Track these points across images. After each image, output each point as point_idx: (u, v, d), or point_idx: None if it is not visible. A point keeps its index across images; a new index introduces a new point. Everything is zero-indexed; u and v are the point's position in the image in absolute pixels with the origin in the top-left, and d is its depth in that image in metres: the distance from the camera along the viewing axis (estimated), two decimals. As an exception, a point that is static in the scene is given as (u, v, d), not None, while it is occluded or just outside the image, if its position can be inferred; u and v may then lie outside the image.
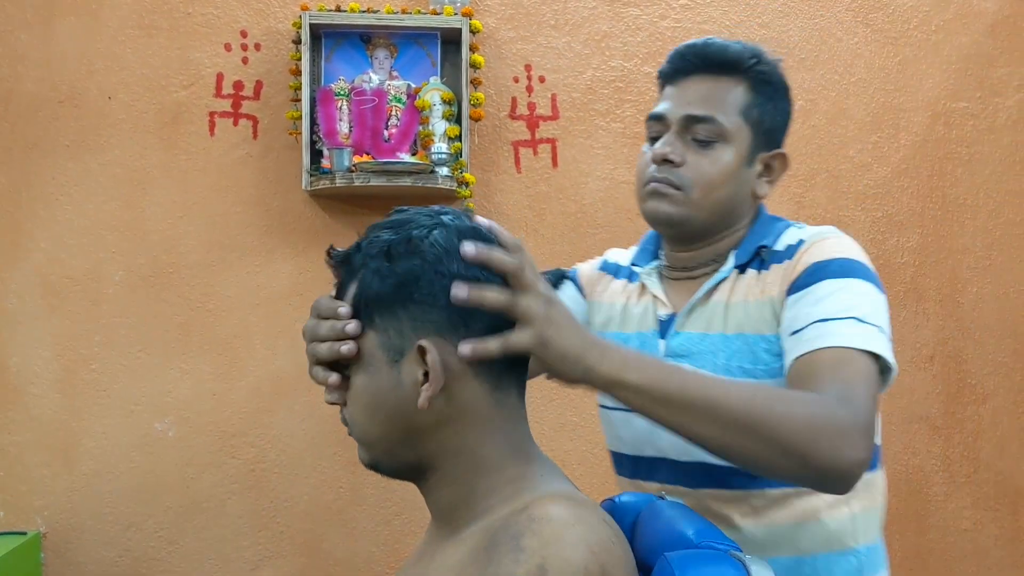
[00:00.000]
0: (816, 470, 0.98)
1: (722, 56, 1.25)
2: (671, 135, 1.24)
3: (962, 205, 2.53)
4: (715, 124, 1.22)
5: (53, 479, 2.29)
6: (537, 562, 0.77)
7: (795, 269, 1.18)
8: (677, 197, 1.22)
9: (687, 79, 1.26)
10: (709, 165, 1.22)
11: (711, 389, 0.97)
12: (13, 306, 2.29)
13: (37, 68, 2.30)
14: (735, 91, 1.24)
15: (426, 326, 0.91)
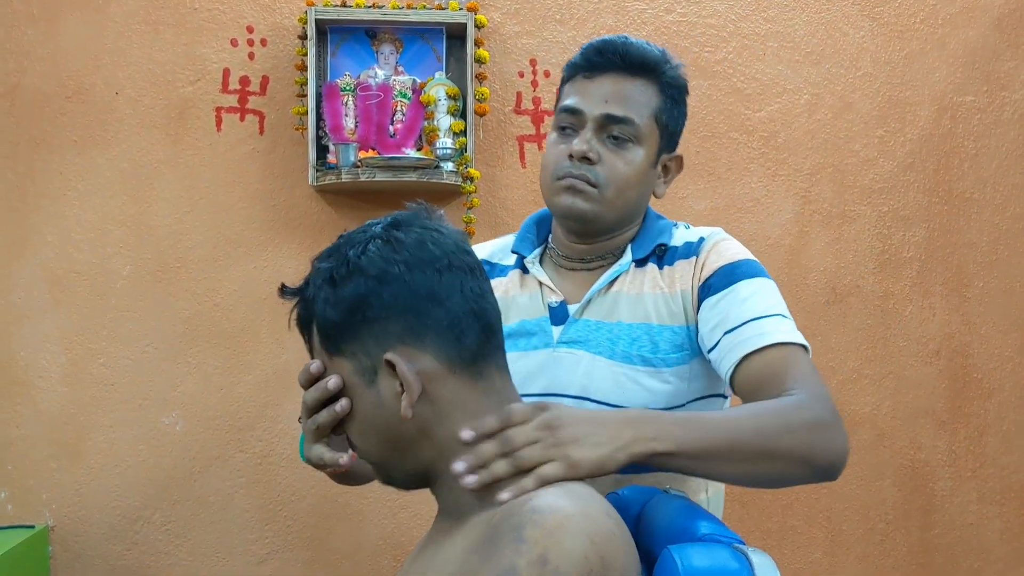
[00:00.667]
0: (819, 469, 1.08)
1: (639, 57, 1.27)
2: (588, 132, 1.26)
3: (968, 199, 2.52)
4: (632, 125, 1.25)
5: (61, 473, 2.30)
6: (539, 552, 0.78)
7: (704, 267, 1.27)
8: (592, 194, 1.25)
9: (604, 75, 1.27)
10: (624, 165, 1.26)
11: (726, 431, 1.04)
12: (20, 300, 2.29)
13: (43, 63, 2.30)
14: (648, 93, 1.27)
15: (388, 339, 0.92)
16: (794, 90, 2.48)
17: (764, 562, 0.88)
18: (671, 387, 1.25)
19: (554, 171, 1.28)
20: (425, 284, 0.93)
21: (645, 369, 1.25)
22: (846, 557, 2.48)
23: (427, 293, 0.93)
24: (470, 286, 0.96)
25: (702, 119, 2.45)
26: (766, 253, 2.46)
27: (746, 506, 2.45)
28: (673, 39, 2.45)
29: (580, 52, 1.31)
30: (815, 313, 2.47)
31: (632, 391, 1.24)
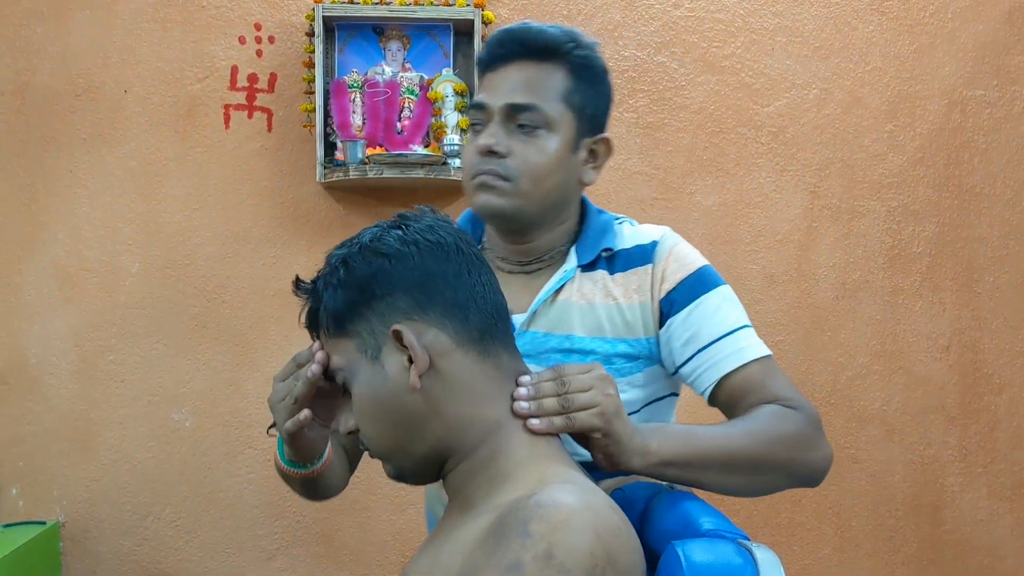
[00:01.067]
0: (803, 479, 1.16)
1: (540, 41, 1.23)
2: (495, 125, 1.21)
3: (978, 194, 2.51)
4: (538, 111, 1.20)
5: (71, 469, 2.32)
6: (544, 547, 0.79)
7: (665, 279, 1.24)
8: (506, 188, 1.19)
9: (507, 66, 1.23)
10: (535, 154, 1.20)
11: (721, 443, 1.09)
12: (31, 298, 2.31)
13: (53, 61, 2.31)
14: (555, 76, 1.22)
15: (394, 315, 0.95)
16: (803, 85, 2.47)
17: (768, 558, 0.89)
18: (625, 396, 1.22)
19: (468, 171, 1.23)
20: (433, 264, 0.96)
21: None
22: (856, 553, 2.47)
23: (435, 271, 0.96)
24: (477, 272, 0.99)
25: (710, 114, 2.45)
26: (775, 249, 2.45)
27: (755, 503, 2.44)
28: (681, 34, 2.44)
29: (483, 48, 1.28)
30: (824, 308, 2.47)
31: None
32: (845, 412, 2.47)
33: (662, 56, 2.44)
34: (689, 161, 2.44)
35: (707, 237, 2.43)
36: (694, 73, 2.45)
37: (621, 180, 2.42)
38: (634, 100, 2.43)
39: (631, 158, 2.43)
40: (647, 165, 2.43)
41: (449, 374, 0.94)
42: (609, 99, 1.29)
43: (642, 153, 2.43)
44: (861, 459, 2.47)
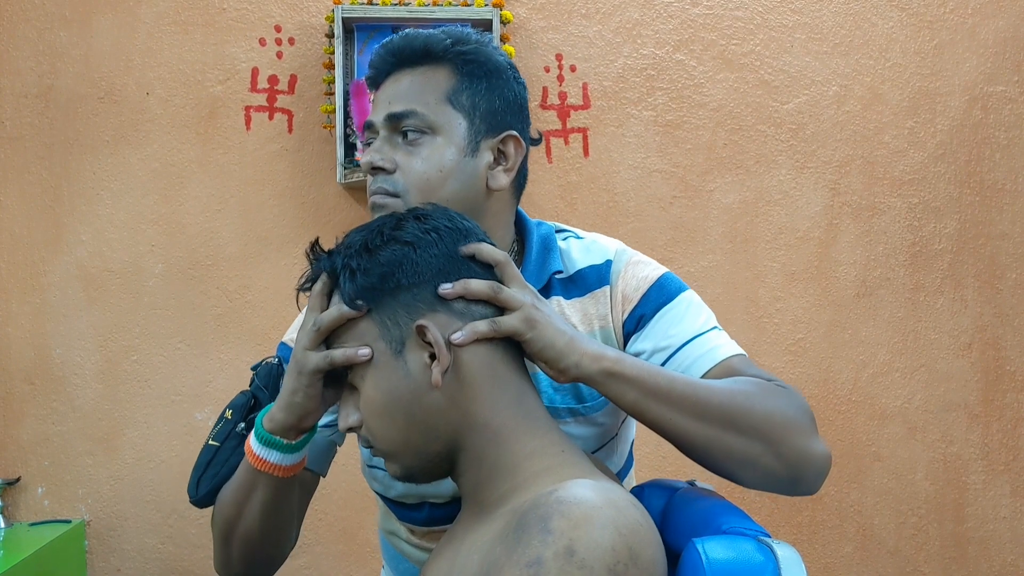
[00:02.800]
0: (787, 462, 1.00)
1: (416, 46, 1.14)
2: (379, 141, 1.14)
3: (1000, 190, 2.49)
4: (417, 116, 1.12)
5: (96, 468, 2.34)
6: (565, 544, 0.78)
7: (625, 299, 1.16)
8: (396, 205, 1.10)
9: (387, 79, 1.16)
10: (421, 163, 1.11)
11: (696, 386, 0.99)
12: (55, 299, 2.33)
13: (76, 65, 2.34)
14: (435, 79, 1.14)
15: (419, 308, 0.93)
16: (823, 82, 2.46)
17: (789, 555, 0.88)
18: (600, 428, 1.18)
19: (370, 191, 1.14)
20: (456, 253, 0.96)
21: (574, 420, 1.17)
22: (878, 551, 2.46)
23: (459, 260, 0.96)
24: None
25: (730, 112, 2.44)
26: (795, 246, 2.45)
27: (776, 500, 2.44)
28: (700, 32, 2.44)
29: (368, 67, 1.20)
30: (845, 306, 2.46)
31: None
32: (867, 410, 2.46)
33: (681, 54, 2.44)
34: (708, 159, 2.44)
35: (727, 235, 2.43)
36: (713, 71, 2.45)
37: (640, 178, 2.42)
38: (653, 98, 2.43)
39: (650, 156, 2.43)
40: (666, 163, 2.43)
41: (466, 371, 0.93)
42: (510, 95, 1.17)
43: (661, 151, 2.43)
44: (883, 457, 2.46)
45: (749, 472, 1.01)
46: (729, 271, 2.44)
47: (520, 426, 0.95)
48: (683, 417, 0.98)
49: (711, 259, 2.43)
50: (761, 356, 2.42)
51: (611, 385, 0.96)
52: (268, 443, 1.04)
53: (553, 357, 0.95)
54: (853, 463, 2.46)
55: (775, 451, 0.99)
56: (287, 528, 1.16)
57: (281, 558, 1.19)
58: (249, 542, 1.12)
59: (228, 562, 1.17)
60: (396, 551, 1.35)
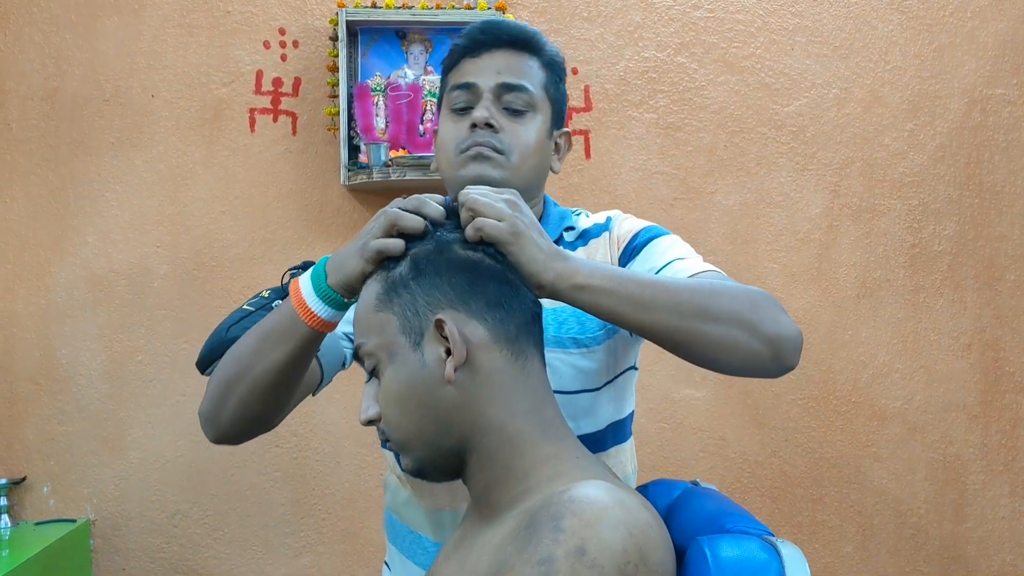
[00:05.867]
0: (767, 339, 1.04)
1: (521, 34, 1.28)
2: (487, 102, 1.25)
3: (999, 192, 2.51)
4: (527, 93, 1.25)
5: (101, 468, 2.35)
6: (576, 543, 0.78)
7: (620, 238, 1.28)
8: (500, 160, 1.23)
9: (491, 52, 1.27)
10: (524, 132, 1.25)
11: (665, 285, 1.05)
12: (61, 299, 2.35)
13: (81, 67, 2.35)
14: (535, 67, 1.28)
15: (438, 300, 0.95)
16: (823, 84, 2.47)
17: (793, 553, 0.89)
18: (600, 365, 1.26)
19: (457, 145, 1.25)
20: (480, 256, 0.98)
21: (578, 351, 1.25)
22: (878, 551, 2.48)
23: (482, 263, 0.97)
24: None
25: (731, 114, 2.46)
26: (796, 248, 2.46)
27: (776, 500, 2.45)
28: (701, 35, 2.45)
29: (461, 36, 1.30)
30: (845, 307, 2.47)
31: (567, 374, 1.24)
32: (867, 410, 2.48)
33: (682, 57, 2.45)
34: (709, 161, 2.45)
35: (728, 237, 2.44)
36: (714, 73, 2.46)
37: (642, 180, 2.44)
38: (654, 100, 2.45)
39: (652, 158, 2.44)
40: (668, 165, 2.44)
41: (483, 371, 0.94)
42: (567, 98, 1.36)
43: (662, 153, 2.44)
44: (883, 457, 2.48)
45: (733, 357, 1.05)
46: (730, 272, 2.40)
47: (535, 433, 0.95)
48: (660, 317, 1.02)
49: (712, 260, 2.40)
50: (762, 357, 2.43)
51: (584, 297, 1.00)
52: (328, 299, 1.06)
53: (533, 272, 0.98)
54: (853, 463, 2.47)
55: (753, 331, 1.03)
56: (290, 392, 1.19)
57: (267, 424, 1.23)
58: (253, 392, 1.14)
59: (220, 410, 1.18)
60: (400, 523, 1.39)
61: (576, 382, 1.24)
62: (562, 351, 1.24)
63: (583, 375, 1.25)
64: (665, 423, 2.43)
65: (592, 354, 1.25)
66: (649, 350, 1.23)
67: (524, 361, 0.97)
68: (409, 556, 1.38)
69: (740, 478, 2.45)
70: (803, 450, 2.46)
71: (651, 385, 2.40)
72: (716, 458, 2.45)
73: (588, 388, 1.25)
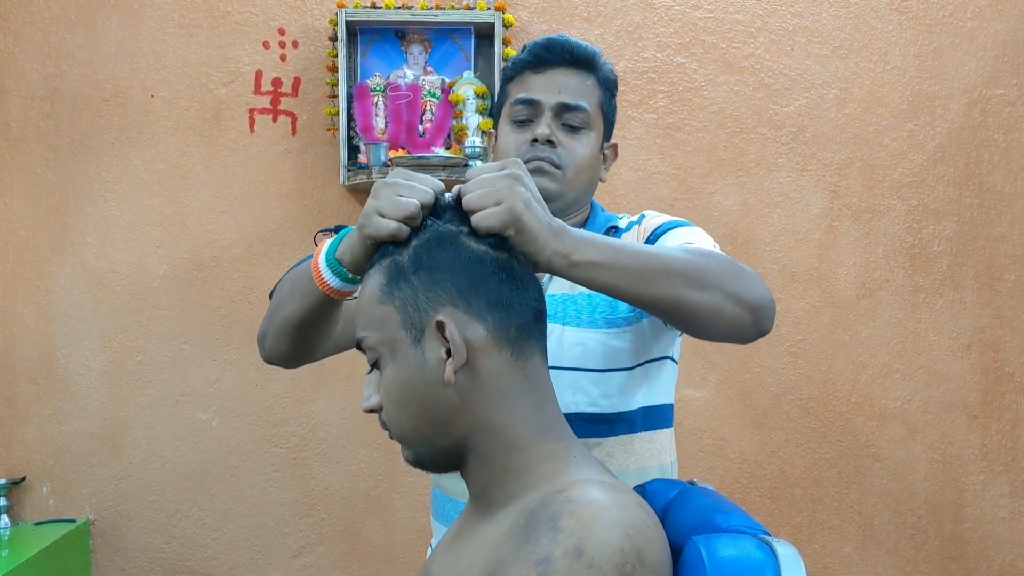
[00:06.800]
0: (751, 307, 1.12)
1: (583, 53, 1.38)
2: (548, 119, 1.35)
3: (999, 193, 2.51)
4: (585, 112, 1.36)
5: (101, 468, 2.36)
6: (574, 543, 0.78)
7: (647, 229, 1.37)
8: (556, 175, 1.34)
9: (553, 70, 1.37)
10: (580, 148, 1.36)
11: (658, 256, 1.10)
12: (61, 299, 2.35)
13: (81, 67, 2.35)
14: (591, 85, 1.38)
15: (440, 298, 0.94)
16: (823, 84, 2.47)
17: (789, 553, 0.88)
18: (631, 346, 1.32)
19: (518, 156, 1.33)
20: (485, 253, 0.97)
21: (609, 331, 1.31)
22: (877, 551, 2.48)
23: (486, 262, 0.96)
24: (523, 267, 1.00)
25: (730, 114, 2.46)
26: (796, 248, 2.46)
27: (776, 501, 2.45)
28: (701, 35, 2.45)
29: (526, 50, 1.39)
30: (845, 307, 2.47)
31: (598, 353, 1.30)
32: (866, 411, 2.48)
33: (682, 57, 2.45)
34: (709, 161, 2.45)
35: (728, 237, 2.44)
36: (714, 74, 2.46)
37: (642, 180, 2.44)
38: (654, 101, 2.45)
39: (651, 159, 2.44)
40: (667, 165, 2.44)
41: (482, 371, 0.93)
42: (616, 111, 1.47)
43: (662, 154, 2.44)
44: (883, 457, 2.48)
45: (717, 322, 1.12)
46: (730, 273, 2.44)
47: (534, 433, 0.95)
48: (653, 285, 1.07)
49: (712, 261, 2.44)
50: (761, 357, 2.44)
51: (580, 273, 1.03)
52: (334, 269, 1.12)
53: (530, 251, 1.00)
54: (853, 463, 2.47)
55: (736, 298, 1.11)
56: (318, 335, 1.29)
57: (304, 358, 1.34)
58: (283, 329, 1.26)
59: (264, 337, 1.31)
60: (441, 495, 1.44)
61: (608, 361, 1.31)
62: (594, 330, 1.31)
63: (615, 354, 1.31)
64: (665, 423, 2.43)
65: (624, 334, 1.32)
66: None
67: (524, 361, 0.96)
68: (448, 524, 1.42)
69: (740, 478, 2.45)
70: (803, 450, 2.46)
71: (651, 385, 2.40)
72: (716, 458, 2.45)
73: (620, 367, 1.31)
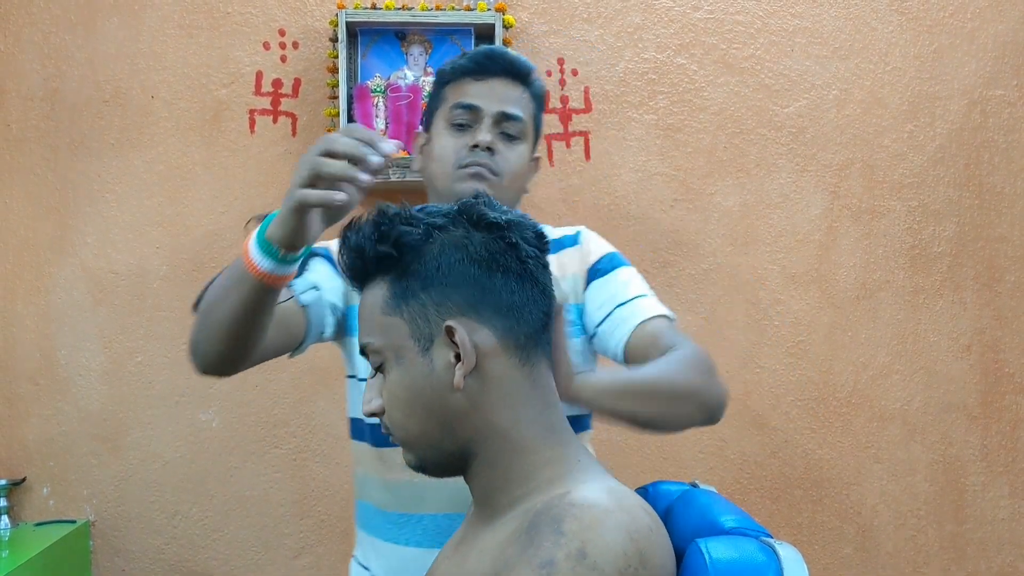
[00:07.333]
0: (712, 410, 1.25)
1: (522, 67, 1.46)
2: (487, 126, 1.41)
3: (999, 193, 2.51)
4: (522, 123, 1.43)
5: (101, 468, 2.35)
6: (577, 546, 0.79)
7: (590, 254, 1.46)
8: (494, 181, 1.40)
9: (494, 79, 1.43)
10: (516, 158, 1.43)
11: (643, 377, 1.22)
12: (61, 300, 2.35)
13: (82, 68, 2.35)
14: (527, 98, 1.46)
15: (449, 308, 0.94)
16: (823, 85, 2.47)
17: (792, 555, 0.89)
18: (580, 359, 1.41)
19: (456, 160, 1.40)
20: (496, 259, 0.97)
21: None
22: (877, 552, 2.48)
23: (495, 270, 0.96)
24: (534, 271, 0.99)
25: (730, 115, 2.46)
26: (796, 249, 2.46)
27: (776, 502, 2.45)
28: (700, 36, 2.45)
29: (467, 57, 1.45)
30: (845, 308, 2.47)
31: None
32: (866, 412, 2.48)
33: (682, 58, 2.45)
34: (709, 162, 2.45)
35: (728, 238, 2.44)
36: (714, 75, 2.46)
37: (642, 181, 2.44)
38: (654, 102, 2.45)
39: (651, 160, 2.44)
40: (667, 166, 2.44)
41: (489, 377, 0.94)
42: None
43: (662, 155, 2.44)
44: (882, 459, 2.48)
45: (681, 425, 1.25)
46: (730, 274, 2.45)
47: (539, 438, 0.95)
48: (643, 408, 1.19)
49: (712, 262, 2.44)
50: (761, 358, 2.44)
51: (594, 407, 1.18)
52: (265, 249, 1.10)
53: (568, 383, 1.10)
54: (853, 464, 2.47)
55: (702, 405, 1.24)
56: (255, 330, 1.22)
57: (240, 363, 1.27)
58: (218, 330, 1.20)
59: (196, 343, 1.24)
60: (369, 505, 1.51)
61: None
62: None
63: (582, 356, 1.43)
64: (665, 424, 2.43)
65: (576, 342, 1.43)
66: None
67: (531, 367, 0.97)
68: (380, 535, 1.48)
69: (740, 479, 2.45)
70: (803, 451, 2.46)
71: (651, 386, 2.40)
72: (716, 459, 2.45)
73: None
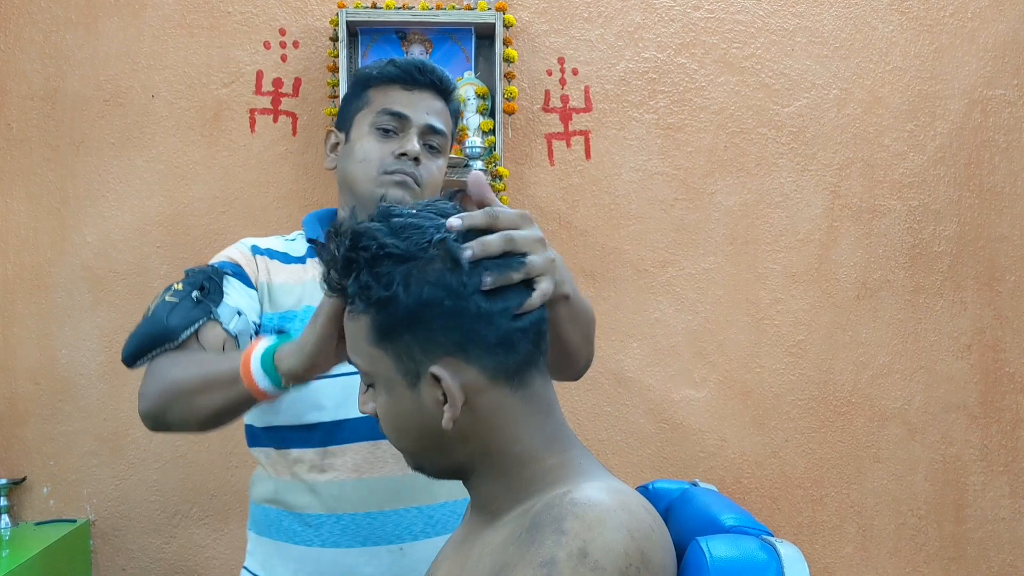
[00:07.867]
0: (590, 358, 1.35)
1: (449, 84, 1.53)
2: (414, 137, 1.47)
3: (1000, 193, 2.51)
4: (445, 137, 1.51)
5: (101, 468, 2.35)
6: (579, 545, 0.79)
7: None
8: (416, 191, 1.46)
9: (423, 92, 1.50)
10: (436, 170, 1.51)
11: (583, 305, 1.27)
12: (61, 299, 2.35)
13: (82, 67, 2.35)
14: (447, 115, 1.53)
15: (435, 349, 0.89)
16: (823, 85, 2.47)
17: (792, 554, 0.89)
18: None
19: (381, 166, 1.45)
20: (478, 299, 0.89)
21: None
22: (878, 552, 2.48)
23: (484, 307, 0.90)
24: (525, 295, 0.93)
25: (731, 115, 2.46)
26: (796, 248, 2.46)
27: (776, 501, 2.45)
28: (701, 35, 2.45)
29: (395, 65, 1.49)
30: (845, 308, 2.47)
31: None
32: (867, 411, 2.48)
33: (682, 57, 2.45)
34: (710, 161, 2.45)
35: (728, 237, 2.44)
36: (714, 74, 2.46)
37: (642, 181, 2.44)
38: (654, 101, 2.45)
39: (652, 159, 2.44)
40: (668, 166, 2.44)
41: (482, 410, 0.91)
42: None
43: (662, 154, 2.44)
44: (883, 458, 2.48)
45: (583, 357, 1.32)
46: (730, 273, 2.45)
47: (540, 449, 0.94)
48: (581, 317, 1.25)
49: (712, 261, 2.44)
50: (762, 357, 2.44)
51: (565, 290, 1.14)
52: (271, 376, 1.12)
53: None
54: (853, 464, 2.47)
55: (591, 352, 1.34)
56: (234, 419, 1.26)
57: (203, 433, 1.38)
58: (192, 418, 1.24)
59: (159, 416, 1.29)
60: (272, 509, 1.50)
61: None
62: None
63: None
64: (665, 423, 2.43)
65: None
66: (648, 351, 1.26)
67: (524, 389, 0.93)
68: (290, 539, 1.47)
69: (740, 479, 2.45)
70: (803, 451, 2.47)
71: (651, 386, 2.40)
72: (716, 459, 2.45)
73: None
